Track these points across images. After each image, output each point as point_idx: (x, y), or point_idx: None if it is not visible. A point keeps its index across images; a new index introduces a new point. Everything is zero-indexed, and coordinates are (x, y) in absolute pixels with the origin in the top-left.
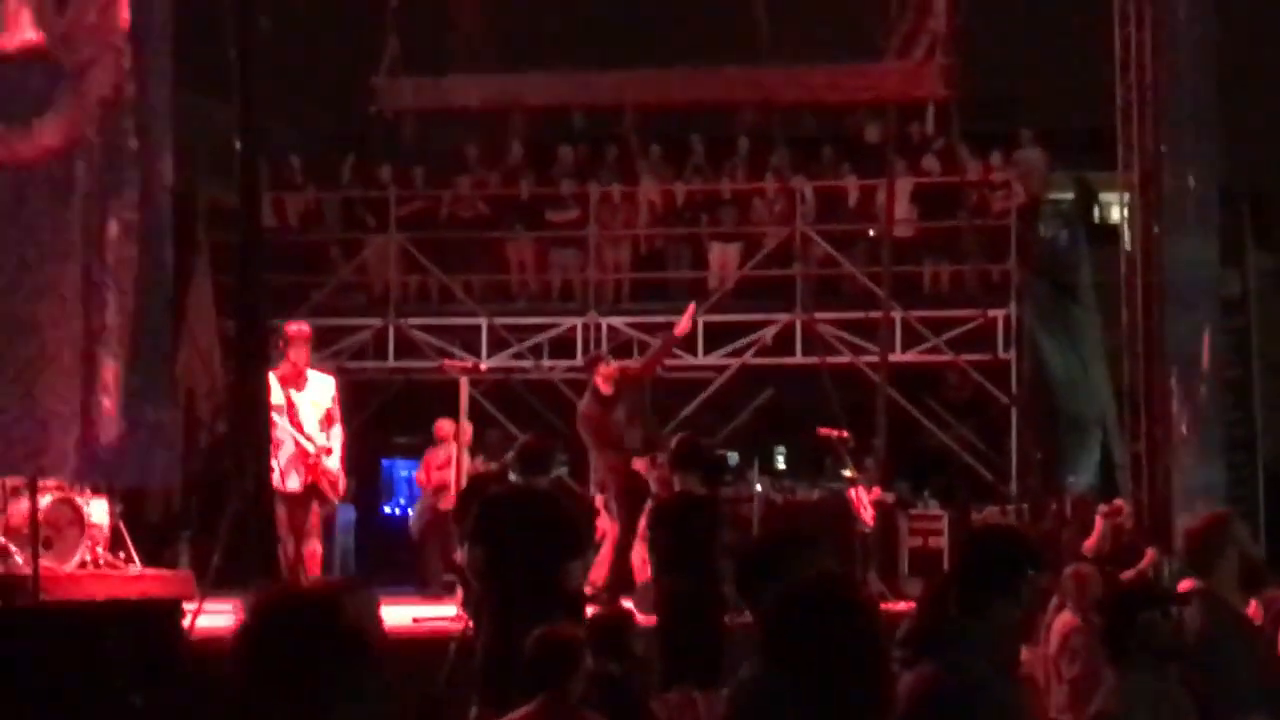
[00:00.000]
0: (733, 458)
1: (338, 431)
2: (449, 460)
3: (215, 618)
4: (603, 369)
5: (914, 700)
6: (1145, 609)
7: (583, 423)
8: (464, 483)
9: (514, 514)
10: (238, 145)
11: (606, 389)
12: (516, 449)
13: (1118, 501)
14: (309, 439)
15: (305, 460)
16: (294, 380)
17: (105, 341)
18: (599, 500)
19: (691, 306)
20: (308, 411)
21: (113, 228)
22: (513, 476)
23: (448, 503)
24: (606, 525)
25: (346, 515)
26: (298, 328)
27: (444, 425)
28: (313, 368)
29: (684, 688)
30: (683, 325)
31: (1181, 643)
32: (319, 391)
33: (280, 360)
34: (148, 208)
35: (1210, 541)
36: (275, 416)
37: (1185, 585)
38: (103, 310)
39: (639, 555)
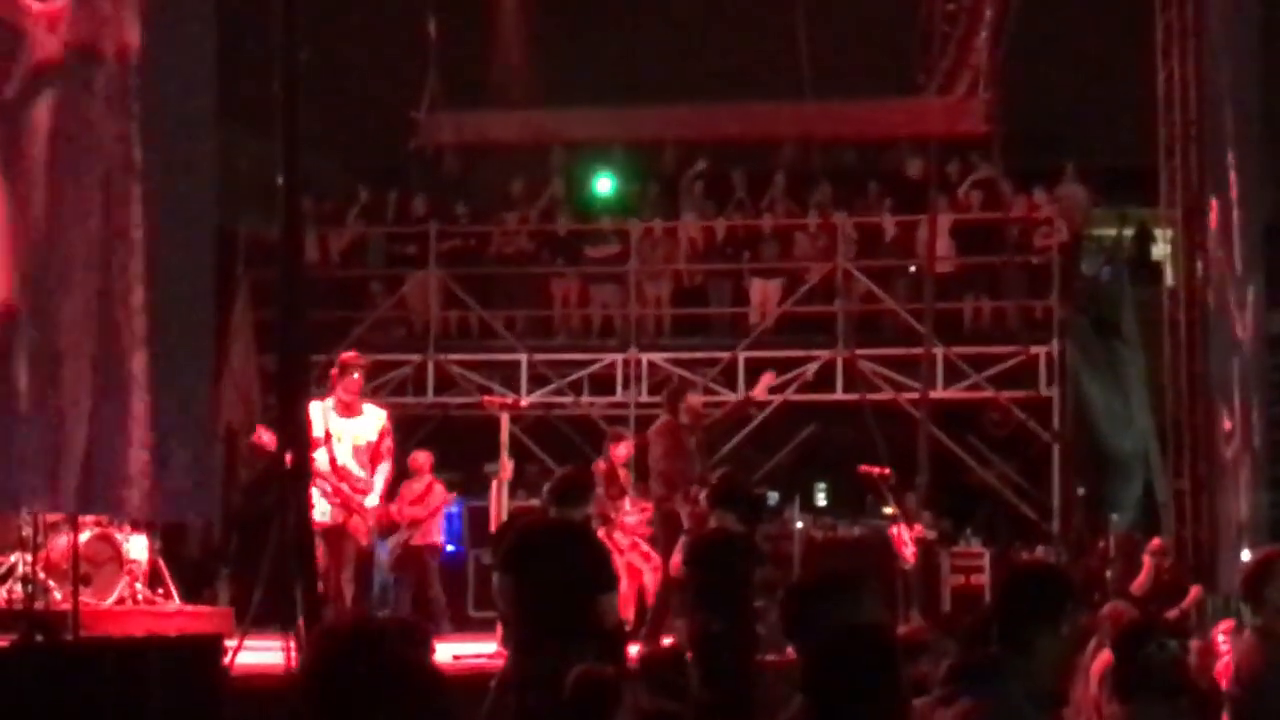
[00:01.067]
0: (773, 497)
1: (384, 469)
2: (424, 494)
3: (256, 655)
4: (691, 399)
5: None
6: (1146, 644)
7: (661, 431)
8: (504, 519)
9: (547, 545)
10: (280, 180)
11: (685, 418)
12: (553, 481)
13: (1156, 540)
14: (339, 475)
15: (333, 496)
16: (342, 411)
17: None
18: (600, 533)
19: (768, 376)
20: (345, 445)
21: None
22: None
23: (420, 538)
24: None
25: (386, 551)
26: (350, 356)
27: (418, 457)
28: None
29: None
30: (760, 390)
31: (1182, 677)
32: (365, 425)
33: (330, 390)
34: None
35: (1266, 578)
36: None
37: (1227, 624)
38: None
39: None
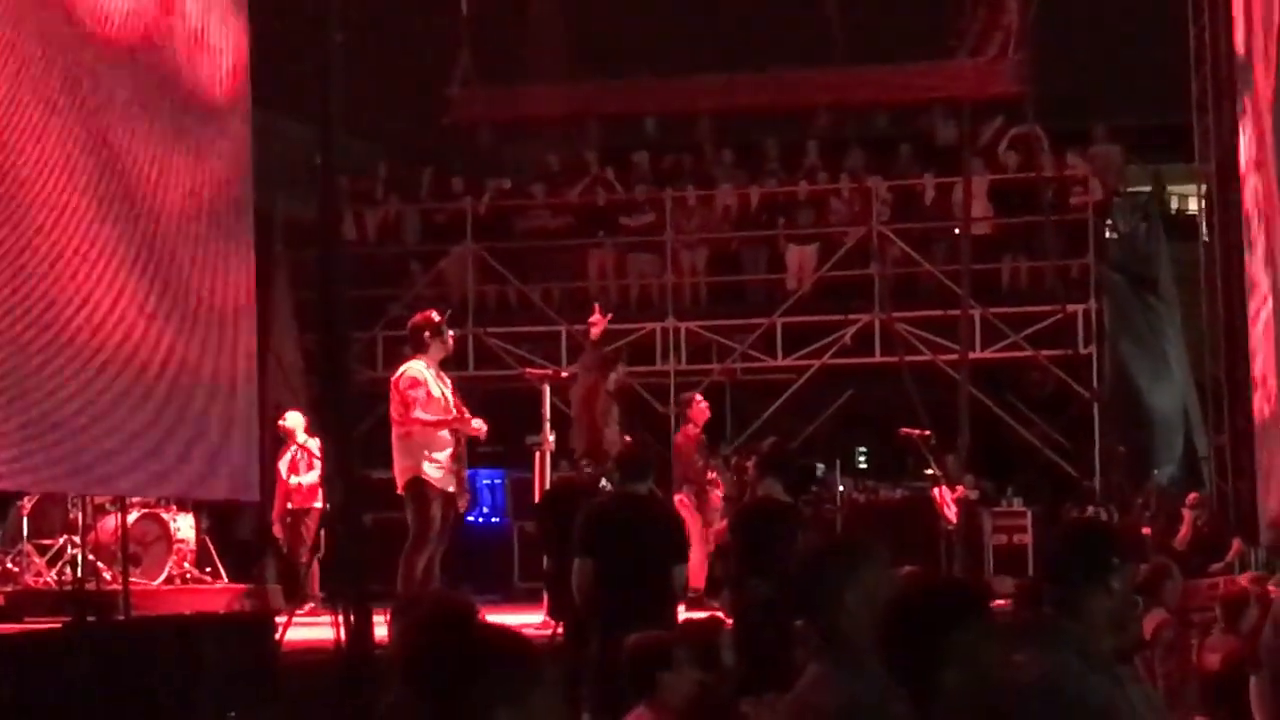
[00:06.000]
0: (820, 468)
1: None
2: (295, 461)
3: (306, 631)
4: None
5: (1007, 696)
6: None
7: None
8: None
9: (621, 520)
10: (318, 160)
11: (611, 387)
12: (616, 457)
13: (1193, 494)
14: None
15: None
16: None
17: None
18: (678, 501)
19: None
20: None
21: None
22: (605, 484)
23: (301, 501)
24: (691, 527)
25: None
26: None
27: (288, 418)
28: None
29: (763, 694)
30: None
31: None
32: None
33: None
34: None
35: None
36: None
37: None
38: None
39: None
